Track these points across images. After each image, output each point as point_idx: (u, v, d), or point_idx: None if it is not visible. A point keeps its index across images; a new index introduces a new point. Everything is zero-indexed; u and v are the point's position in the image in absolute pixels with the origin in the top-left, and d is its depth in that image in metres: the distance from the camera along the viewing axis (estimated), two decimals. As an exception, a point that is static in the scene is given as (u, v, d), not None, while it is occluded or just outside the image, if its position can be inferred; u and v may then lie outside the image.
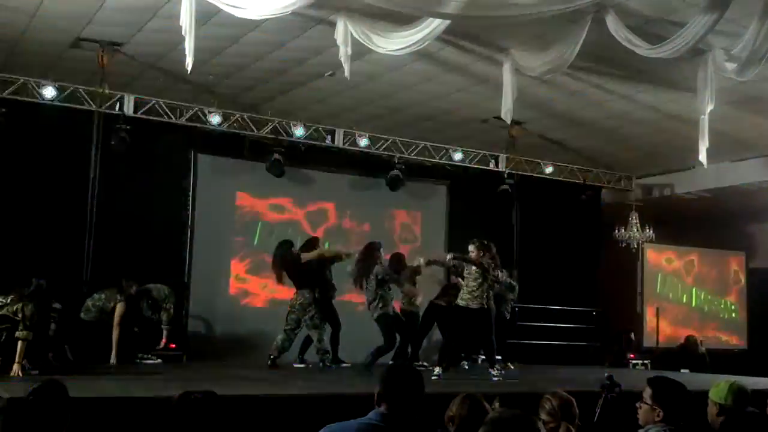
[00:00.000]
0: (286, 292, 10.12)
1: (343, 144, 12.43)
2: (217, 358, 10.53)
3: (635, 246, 15.15)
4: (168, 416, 2.97)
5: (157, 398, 5.69)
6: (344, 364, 9.97)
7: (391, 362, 8.87)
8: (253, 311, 11.67)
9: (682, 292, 16.20)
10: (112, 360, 9.29)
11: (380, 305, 9.48)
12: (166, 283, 10.07)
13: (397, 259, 10.17)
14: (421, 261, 9.94)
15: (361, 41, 7.86)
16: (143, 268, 10.04)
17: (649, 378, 4.21)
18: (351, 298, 11.00)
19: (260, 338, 10.79)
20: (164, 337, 9.75)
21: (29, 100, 10.20)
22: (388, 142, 12.77)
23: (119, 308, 9.42)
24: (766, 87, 9.49)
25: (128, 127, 10.46)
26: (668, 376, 4.30)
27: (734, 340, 16.37)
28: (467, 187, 13.71)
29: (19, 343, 7.35)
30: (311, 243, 10.31)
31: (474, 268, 8.96)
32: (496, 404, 4.03)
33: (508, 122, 9.73)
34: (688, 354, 14.70)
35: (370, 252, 9.84)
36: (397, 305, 10.21)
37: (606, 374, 5.33)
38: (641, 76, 9.68)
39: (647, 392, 4.06)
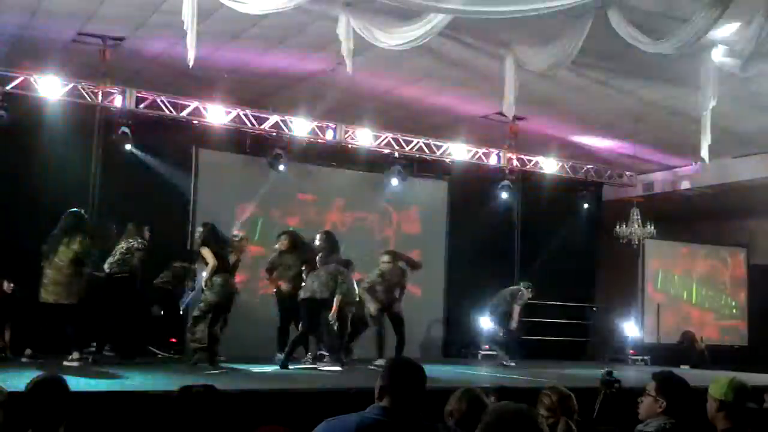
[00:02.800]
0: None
1: (344, 140, 12.44)
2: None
3: (636, 242, 15.13)
4: (168, 410, 2.98)
5: (157, 393, 5.70)
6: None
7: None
8: (253, 306, 11.67)
9: (682, 289, 16.18)
10: None
11: None
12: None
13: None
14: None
15: (363, 36, 7.86)
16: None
17: (654, 372, 4.25)
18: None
19: (260, 333, 10.75)
20: None
21: (31, 94, 10.19)
22: (389, 138, 12.77)
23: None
24: (768, 83, 9.46)
25: (130, 122, 10.48)
26: (669, 372, 4.33)
27: (735, 337, 16.36)
28: (468, 183, 13.71)
29: None
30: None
31: None
32: (492, 399, 4.04)
33: (510, 118, 9.73)
34: (687, 350, 14.71)
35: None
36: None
37: (605, 370, 5.35)
38: (643, 71, 9.66)
39: (651, 385, 4.10)
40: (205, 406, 2.95)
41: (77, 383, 5.69)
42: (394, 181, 12.84)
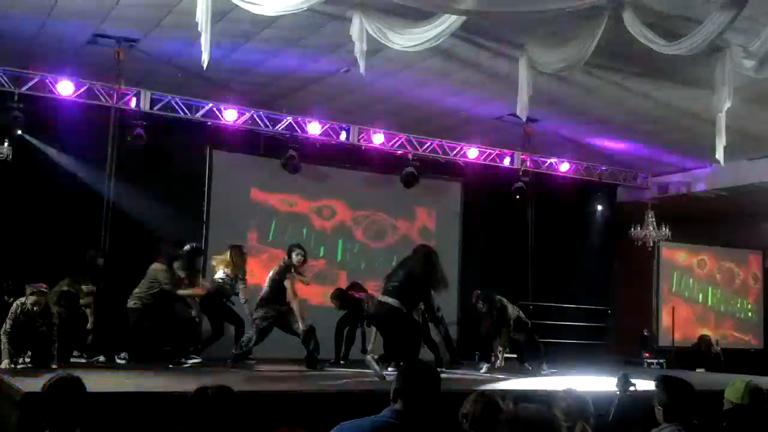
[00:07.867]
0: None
1: (358, 141, 12.45)
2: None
3: (651, 244, 15.07)
4: (184, 411, 2.98)
5: (173, 393, 5.71)
6: None
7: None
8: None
9: (698, 291, 16.12)
10: None
11: None
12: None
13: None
14: None
15: (376, 38, 7.84)
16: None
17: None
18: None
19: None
20: None
21: (46, 95, 10.26)
22: (403, 140, 12.77)
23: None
24: (785, 85, 9.39)
25: (144, 123, 10.51)
26: (670, 375, 4.29)
27: (750, 340, 16.28)
28: (482, 184, 13.68)
29: None
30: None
31: None
32: (508, 402, 4.02)
33: (523, 119, 9.70)
34: (702, 353, 14.63)
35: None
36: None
37: (621, 373, 5.33)
38: (658, 73, 9.61)
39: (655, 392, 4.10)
40: (221, 407, 2.95)
41: (94, 383, 5.72)
42: (408, 183, 12.81)
